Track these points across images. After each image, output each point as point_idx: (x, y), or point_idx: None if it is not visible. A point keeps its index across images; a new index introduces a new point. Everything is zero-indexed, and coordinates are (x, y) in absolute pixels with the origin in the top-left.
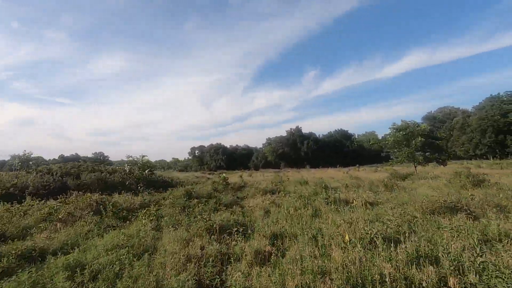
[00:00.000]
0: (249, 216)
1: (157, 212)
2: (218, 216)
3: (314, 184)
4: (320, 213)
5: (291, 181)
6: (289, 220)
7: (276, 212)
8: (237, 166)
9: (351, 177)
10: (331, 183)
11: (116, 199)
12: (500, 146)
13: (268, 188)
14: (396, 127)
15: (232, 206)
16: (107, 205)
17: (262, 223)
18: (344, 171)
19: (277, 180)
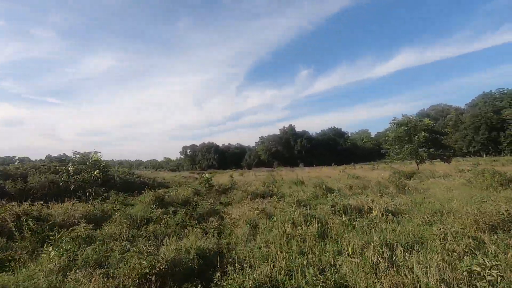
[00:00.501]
0: (228, 236)
1: (87, 233)
2: (172, 245)
3: (312, 185)
4: (329, 231)
5: (285, 181)
6: (285, 247)
7: (267, 228)
8: (230, 165)
9: (350, 176)
10: (330, 182)
11: (49, 211)
12: (493, 143)
13: (259, 191)
14: (397, 122)
15: (210, 217)
16: (25, 221)
17: (245, 249)
18: (339, 170)
19: (270, 180)
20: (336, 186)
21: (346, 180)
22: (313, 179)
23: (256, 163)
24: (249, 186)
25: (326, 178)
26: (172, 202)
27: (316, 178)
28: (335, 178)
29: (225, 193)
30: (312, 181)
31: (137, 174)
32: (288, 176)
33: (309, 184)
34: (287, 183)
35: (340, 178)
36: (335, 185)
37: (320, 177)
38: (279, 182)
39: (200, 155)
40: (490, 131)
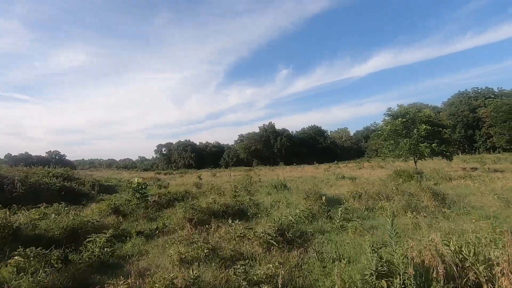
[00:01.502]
0: None
1: None
2: None
3: (296, 189)
4: None
5: (264, 183)
6: None
7: None
8: (208, 164)
9: (339, 177)
10: (319, 185)
11: None
12: (468, 141)
13: (216, 206)
14: (393, 113)
15: None
16: None
17: None
18: (323, 169)
19: (246, 181)
20: (331, 191)
21: (336, 181)
22: (296, 180)
23: (235, 162)
24: (215, 192)
25: (311, 179)
26: (43, 236)
27: (299, 178)
28: (322, 179)
29: (170, 206)
30: (296, 182)
31: (81, 175)
32: (268, 176)
33: (294, 188)
34: (266, 187)
35: (327, 179)
36: (330, 191)
37: (304, 177)
38: (255, 184)
39: (176, 154)
40: (467, 130)
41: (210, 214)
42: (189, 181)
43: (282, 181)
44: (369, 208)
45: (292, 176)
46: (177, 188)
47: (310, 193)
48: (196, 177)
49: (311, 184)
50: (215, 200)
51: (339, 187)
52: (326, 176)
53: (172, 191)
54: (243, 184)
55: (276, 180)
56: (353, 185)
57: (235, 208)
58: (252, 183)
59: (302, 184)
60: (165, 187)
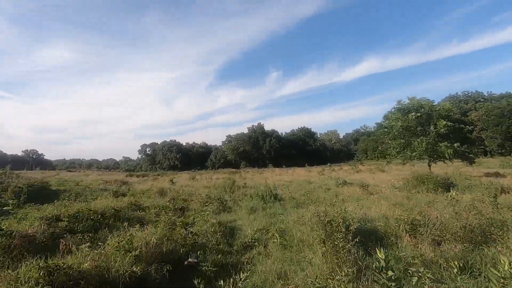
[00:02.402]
0: None
1: None
2: None
3: (291, 200)
4: None
5: (249, 189)
6: None
7: None
8: (194, 165)
9: (339, 182)
10: (319, 193)
11: None
12: None
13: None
14: (404, 107)
15: None
16: None
17: None
18: (317, 171)
19: (227, 186)
20: (351, 210)
21: (338, 187)
22: (289, 186)
23: (222, 163)
24: (182, 203)
25: (305, 184)
26: None
27: (291, 183)
28: (319, 184)
29: (105, 227)
30: (289, 189)
31: (21, 176)
32: (255, 179)
33: (287, 199)
34: (250, 196)
35: (325, 184)
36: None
37: (297, 181)
38: (238, 191)
39: (160, 154)
40: None
41: None
42: (160, 185)
43: (271, 189)
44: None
45: (283, 180)
46: (120, 201)
47: (327, 220)
48: (169, 180)
49: (307, 190)
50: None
51: (353, 200)
52: (322, 180)
53: (97, 207)
54: (223, 190)
55: (264, 185)
56: (376, 199)
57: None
58: (234, 190)
59: (297, 191)
60: (123, 195)
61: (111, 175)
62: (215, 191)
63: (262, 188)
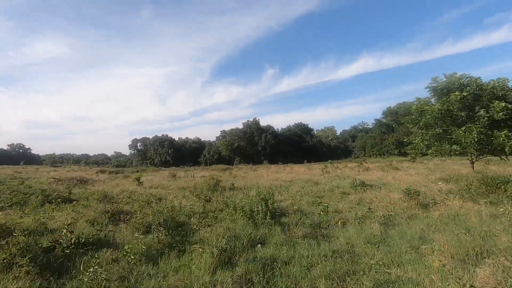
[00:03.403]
0: None
1: None
2: None
3: (300, 215)
4: None
5: (236, 195)
6: None
7: None
8: (186, 161)
9: (356, 184)
10: (336, 202)
11: None
12: None
13: None
14: (442, 85)
15: None
16: None
17: None
18: (319, 169)
19: (207, 188)
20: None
21: (358, 192)
22: (289, 188)
23: (216, 159)
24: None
25: (309, 185)
26: None
27: (292, 184)
28: (328, 187)
29: None
30: (290, 193)
31: None
32: (247, 178)
33: (291, 211)
34: (234, 206)
35: (337, 186)
36: None
37: (298, 181)
38: (221, 196)
39: (152, 150)
40: None
41: None
42: (123, 186)
43: (267, 196)
44: None
45: (281, 179)
46: None
47: None
48: (135, 179)
49: (315, 195)
50: None
51: (410, 221)
52: (329, 180)
53: None
54: (201, 193)
55: (257, 189)
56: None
57: None
58: (216, 193)
59: (302, 196)
60: (57, 199)
61: (76, 172)
62: (191, 195)
63: (254, 194)
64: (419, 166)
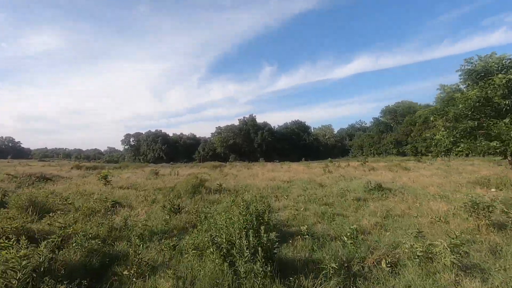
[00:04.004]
0: None
1: None
2: None
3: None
4: None
5: (220, 200)
6: None
7: None
8: (181, 158)
9: (371, 186)
10: (351, 210)
11: None
12: None
13: None
14: (479, 67)
15: None
16: None
17: None
18: (319, 167)
19: (186, 190)
20: None
21: (376, 198)
22: (288, 191)
23: (210, 156)
24: None
25: (312, 187)
26: None
27: (291, 185)
28: (340, 190)
29: None
30: (291, 196)
31: None
32: (240, 177)
33: (295, 232)
34: (200, 235)
35: (347, 189)
36: None
37: (297, 182)
38: (200, 203)
39: (145, 145)
40: None
41: None
42: (93, 186)
43: (260, 208)
44: None
45: (278, 179)
46: None
47: None
48: (101, 177)
49: (322, 202)
50: None
51: None
52: (333, 181)
53: None
54: (177, 197)
55: (243, 193)
56: None
57: None
58: (199, 197)
59: (306, 203)
60: None
61: (46, 167)
62: (164, 198)
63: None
64: (428, 167)
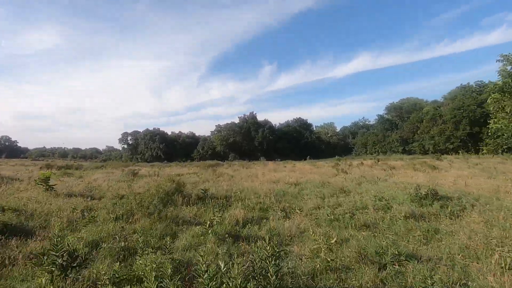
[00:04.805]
0: None
1: None
2: None
3: None
4: None
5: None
6: None
7: None
8: (179, 157)
9: (420, 193)
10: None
11: None
12: (473, 139)
13: None
14: None
15: None
16: None
17: None
18: (329, 166)
19: (154, 200)
20: None
21: (437, 214)
22: (298, 196)
23: (209, 155)
24: None
25: (330, 191)
26: None
27: (300, 188)
28: (373, 199)
29: None
30: (305, 210)
31: None
32: (235, 179)
33: None
34: None
35: (387, 198)
36: None
37: (307, 184)
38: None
39: (142, 144)
40: (472, 126)
41: None
42: (30, 193)
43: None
44: None
45: (282, 180)
46: None
47: None
48: (38, 182)
49: (359, 221)
50: None
51: None
52: (353, 183)
53: None
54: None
55: (246, 200)
56: None
57: None
58: (170, 210)
59: (340, 231)
60: None
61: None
62: (109, 216)
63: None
64: (459, 166)
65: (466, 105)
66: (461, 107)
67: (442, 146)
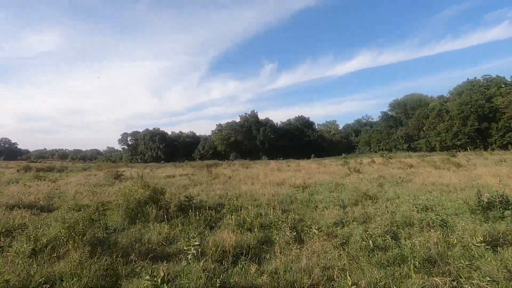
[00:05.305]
0: None
1: None
2: None
3: None
4: None
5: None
6: None
7: None
8: (180, 157)
9: (484, 204)
10: None
11: None
12: (481, 135)
13: None
14: None
15: None
16: None
17: None
18: (338, 165)
19: (130, 207)
20: None
21: None
22: (315, 207)
23: (210, 154)
24: None
25: (360, 201)
26: None
27: (311, 193)
28: (446, 213)
29: None
30: (337, 245)
31: None
32: (233, 181)
33: None
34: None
35: (448, 211)
36: None
37: (318, 187)
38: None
39: (142, 144)
40: (481, 122)
41: None
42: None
43: None
44: None
45: (288, 182)
46: None
47: None
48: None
49: (419, 255)
50: None
51: None
52: (374, 186)
53: None
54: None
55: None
56: None
57: None
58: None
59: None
60: None
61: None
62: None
63: None
64: (485, 162)
65: (474, 100)
66: (468, 102)
67: (449, 143)
